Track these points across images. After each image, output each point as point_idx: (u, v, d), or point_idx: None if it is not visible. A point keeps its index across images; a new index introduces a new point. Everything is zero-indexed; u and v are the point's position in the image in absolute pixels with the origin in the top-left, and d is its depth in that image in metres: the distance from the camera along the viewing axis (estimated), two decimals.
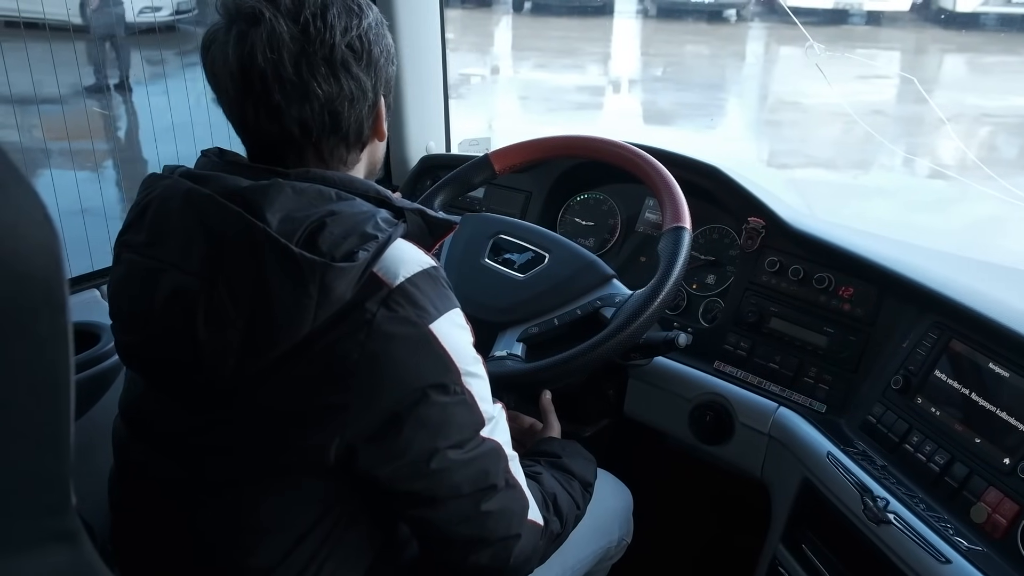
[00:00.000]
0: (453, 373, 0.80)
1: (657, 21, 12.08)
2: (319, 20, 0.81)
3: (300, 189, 0.79)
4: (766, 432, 1.27)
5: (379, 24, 0.87)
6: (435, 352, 0.79)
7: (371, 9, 0.87)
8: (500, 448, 0.87)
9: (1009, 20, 10.41)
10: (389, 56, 0.88)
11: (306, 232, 0.75)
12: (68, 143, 2.81)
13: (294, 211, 0.77)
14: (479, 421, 0.84)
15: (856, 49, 9.91)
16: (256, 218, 0.75)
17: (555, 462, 1.09)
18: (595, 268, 1.23)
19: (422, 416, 0.78)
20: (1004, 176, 5.46)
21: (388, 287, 0.77)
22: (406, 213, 0.85)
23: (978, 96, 7.75)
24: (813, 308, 1.31)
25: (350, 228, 0.77)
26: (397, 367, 0.77)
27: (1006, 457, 0.99)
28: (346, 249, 0.75)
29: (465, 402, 0.82)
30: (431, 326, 0.79)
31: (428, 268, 0.81)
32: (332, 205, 0.79)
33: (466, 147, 1.98)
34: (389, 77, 0.89)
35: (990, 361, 1.06)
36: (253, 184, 0.78)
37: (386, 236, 0.79)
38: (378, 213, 0.81)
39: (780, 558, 1.24)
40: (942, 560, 0.94)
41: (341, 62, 0.82)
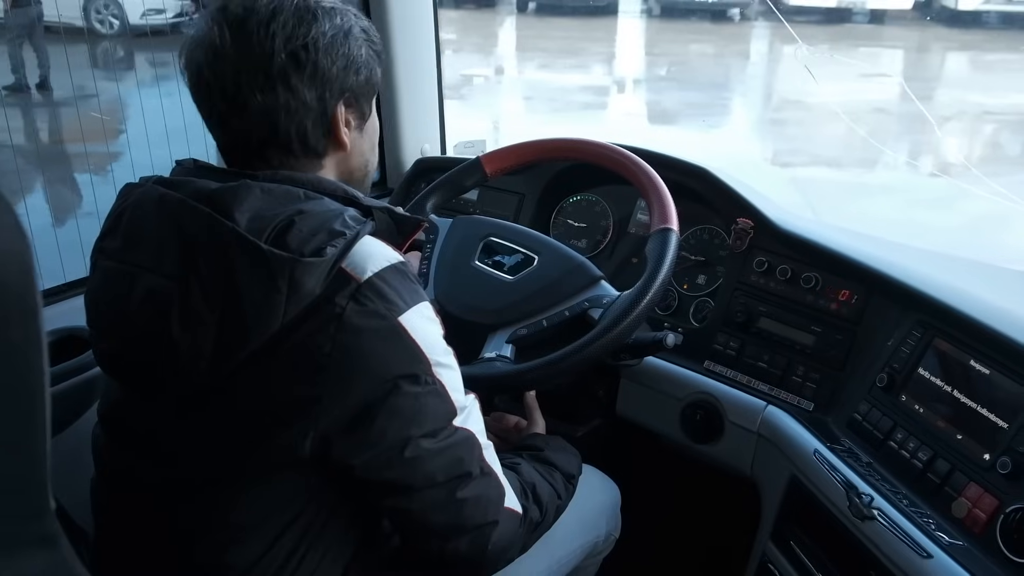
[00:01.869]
0: (424, 364, 0.82)
1: (661, 20, 12.06)
2: (262, 29, 0.83)
3: (268, 189, 0.81)
4: (755, 431, 1.29)
5: (341, 32, 0.87)
6: (405, 343, 0.81)
7: (332, 17, 0.87)
8: (473, 436, 0.89)
9: (1010, 18, 10.37)
10: (351, 64, 0.88)
11: (275, 230, 0.77)
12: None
13: (263, 210, 0.79)
14: (451, 410, 0.86)
15: (859, 48, 9.89)
16: (225, 218, 0.77)
17: (537, 455, 1.12)
18: (584, 270, 1.25)
19: (395, 406, 0.80)
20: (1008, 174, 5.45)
21: (357, 281, 0.79)
22: (374, 212, 0.87)
23: (980, 94, 7.73)
24: (801, 308, 1.33)
25: (318, 225, 0.79)
26: (368, 359, 0.79)
27: (986, 453, 1.01)
28: (315, 245, 0.77)
29: (437, 392, 0.84)
30: (400, 318, 0.81)
31: (396, 263, 0.83)
32: (300, 204, 0.81)
33: (461, 149, 1.99)
34: (352, 86, 0.89)
35: (972, 359, 1.07)
36: (222, 186, 0.81)
37: (354, 233, 0.81)
38: (346, 211, 0.83)
39: (769, 555, 1.25)
40: (924, 555, 0.96)
41: (279, 73, 0.83)
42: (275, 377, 0.78)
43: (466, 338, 1.27)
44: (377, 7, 1.74)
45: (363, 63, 0.90)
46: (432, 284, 1.32)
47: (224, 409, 0.81)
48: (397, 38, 1.77)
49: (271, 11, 0.84)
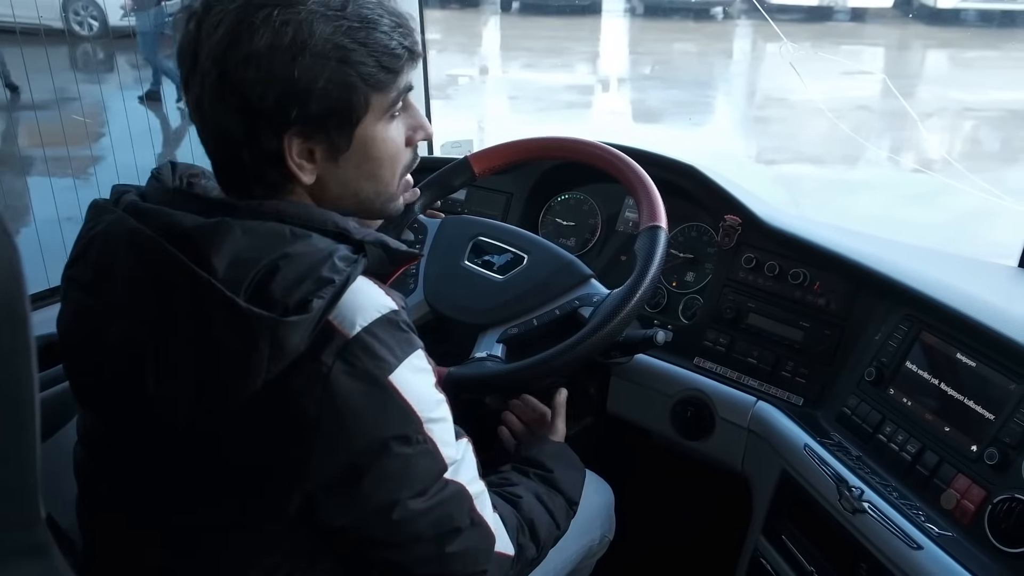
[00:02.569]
0: (415, 423, 0.77)
1: (644, 19, 12.10)
2: (204, 49, 0.74)
3: (250, 228, 0.73)
4: (745, 426, 1.30)
5: (285, 50, 0.73)
6: (395, 404, 0.76)
7: (281, 26, 0.73)
8: (463, 490, 0.84)
9: (988, 16, 10.49)
10: (300, 91, 0.74)
11: (257, 278, 0.71)
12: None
13: (244, 254, 0.71)
14: (441, 467, 0.81)
15: (841, 46, 9.96)
16: (202, 263, 0.70)
17: (545, 476, 1.09)
18: (573, 268, 1.25)
19: (383, 469, 0.76)
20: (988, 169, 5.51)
21: (345, 337, 0.73)
22: (366, 246, 0.79)
23: (960, 90, 7.81)
24: (789, 303, 1.33)
25: (304, 272, 0.72)
26: (356, 422, 0.74)
27: (973, 444, 1.02)
28: (300, 297, 0.71)
29: (428, 451, 0.79)
30: (391, 377, 0.75)
31: (387, 313, 0.77)
32: (285, 246, 0.73)
33: (448, 149, 1.99)
34: (304, 118, 0.76)
35: (958, 352, 1.09)
36: (199, 224, 0.73)
37: (343, 278, 0.73)
38: (336, 251, 0.75)
39: (761, 549, 1.26)
40: (914, 546, 0.97)
41: (210, 93, 0.75)
42: (258, 434, 0.73)
43: (456, 338, 1.27)
44: None
45: (326, 87, 0.75)
46: (421, 284, 1.32)
47: (204, 459, 0.76)
48: None
49: (212, 27, 0.73)
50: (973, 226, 3.85)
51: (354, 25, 0.76)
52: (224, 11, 0.73)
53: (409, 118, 0.87)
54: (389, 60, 0.78)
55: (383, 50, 0.78)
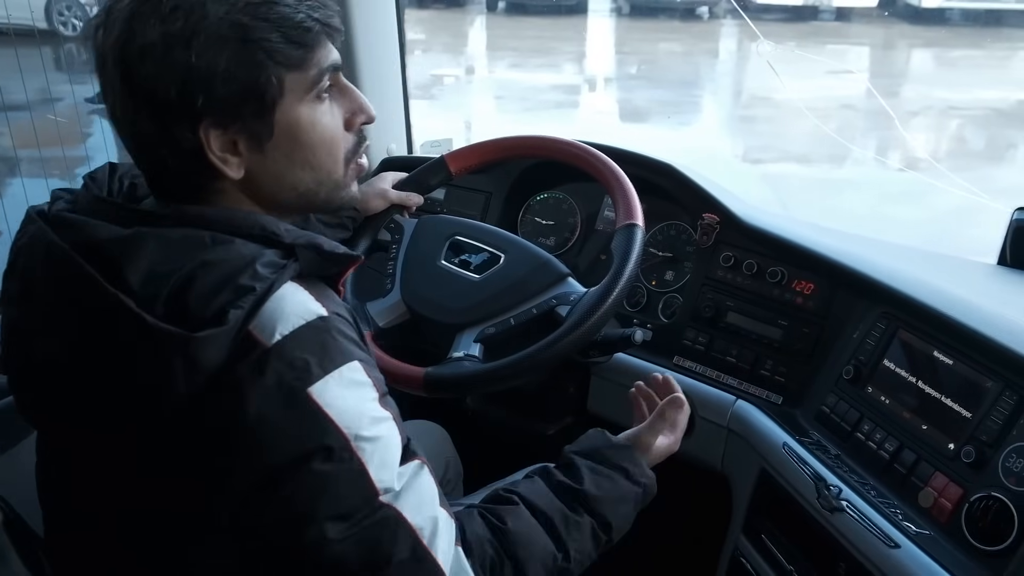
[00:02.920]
0: (338, 439, 0.71)
1: (631, 19, 12.12)
2: (107, 42, 0.72)
3: (166, 238, 0.70)
4: (725, 425, 1.29)
5: (179, 38, 0.70)
6: (315, 417, 0.70)
7: (168, 24, 0.70)
8: (400, 518, 0.74)
9: (972, 15, 10.57)
10: (200, 80, 0.71)
11: (172, 290, 0.68)
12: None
13: (159, 266, 0.69)
14: (371, 491, 0.73)
15: (826, 45, 10.01)
16: (116, 278, 0.68)
17: (572, 490, 0.92)
18: (550, 267, 1.25)
19: (299, 486, 0.70)
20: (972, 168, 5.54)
21: (263, 347, 0.69)
22: (298, 250, 0.75)
23: (945, 90, 7.86)
24: (767, 302, 1.33)
25: (222, 280, 0.69)
26: (271, 435, 0.69)
27: (950, 443, 1.01)
28: (217, 307, 0.68)
29: (352, 470, 0.72)
30: (310, 388, 0.70)
31: (313, 320, 0.72)
32: (204, 254, 0.70)
33: (428, 148, 1.98)
34: (210, 108, 0.72)
35: (935, 350, 1.08)
36: (113, 236, 0.70)
37: (266, 286, 0.70)
38: (260, 257, 0.72)
39: (741, 548, 1.26)
40: (892, 545, 0.96)
41: (113, 87, 0.73)
42: (181, 448, 0.71)
43: (434, 338, 1.26)
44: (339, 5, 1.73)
45: (230, 70, 0.72)
46: (399, 284, 1.31)
47: (135, 473, 0.74)
48: (359, 38, 1.76)
49: (113, 20, 0.71)
50: (955, 224, 3.88)
51: (253, 1, 0.72)
52: (119, 9, 0.71)
53: (346, 101, 0.83)
54: (298, 35, 0.74)
55: (290, 24, 0.74)
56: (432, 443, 1.48)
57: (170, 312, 0.68)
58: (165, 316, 0.67)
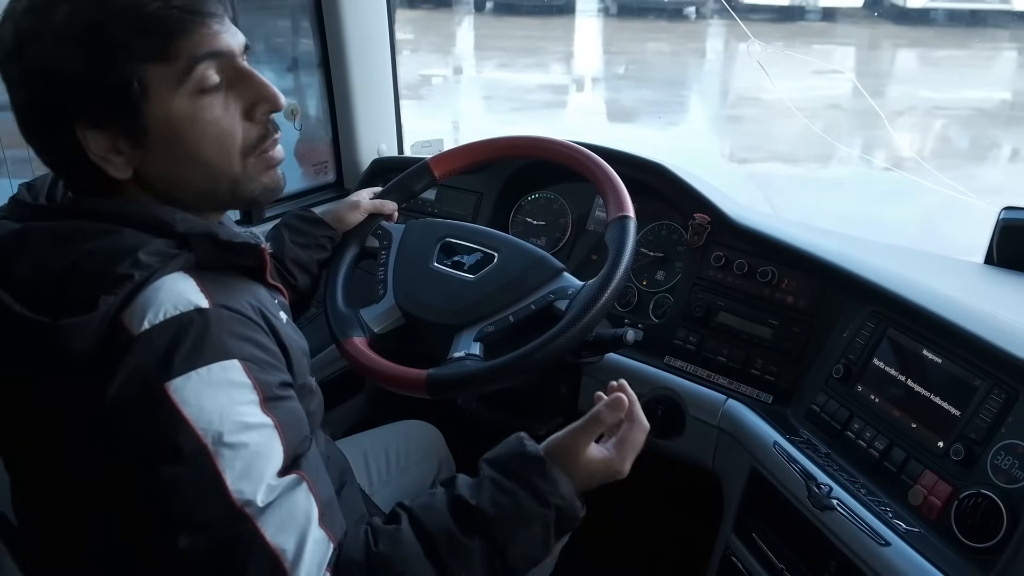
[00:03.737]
0: (191, 440, 0.67)
1: (618, 19, 12.13)
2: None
3: (55, 231, 0.70)
4: (716, 424, 1.30)
5: (29, 36, 0.68)
6: (168, 414, 0.67)
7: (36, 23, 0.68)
8: (258, 537, 0.68)
9: (957, 15, 10.65)
10: (54, 82, 0.69)
11: (55, 280, 0.68)
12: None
13: (47, 258, 0.68)
14: (225, 500, 0.68)
15: (813, 45, 10.05)
16: (4, 273, 0.68)
17: (464, 505, 0.79)
18: (545, 263, 1.25)
19: (149, 486, 0.67)
20: (957, 167, 5.58)
21: (129, 335, 0.67)
22: (192, 240, 0.74)
23: (930, 89, 7.91)
24: (758, 301, 1.34)
25: (100, 269, 0.68)
26: (123, 427, 0.67)
27: (940, 440, 1.02)
28: (89, 294, 0.67)
29: (204, 476, 0.67)
30: (168, 383, 0.67)
31: (188, 311, 0.69)
32: (89, 243, 0.69)
33: (418, 149, 1.98)
34: (79, 109, 0.71)
35: (924, 348, 1.09)
36: (7, 233, 0.71)
37: (146, 274, 0.69)
38: (145, 246, 0.70)
39: (732, 547, 1.26)
40: (882, 543, 0.97)
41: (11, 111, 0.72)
42: (53, 432, 0.71)
43: (432, 340, 1.26)
44: (330, 8, 1.72)
45: (84, 69, 0.69)
46: (391, 290, 1.30)
47: (44, 460, 0.75)
48: (351, 39, 1.76)
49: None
50: (941, 223, 3.90)
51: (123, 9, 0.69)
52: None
53: (246, 89, 0.78)
54: (152, 24, 0.70)
55: (140, 14, 0.70)
56: (425, 443, 1.48)
57: (52, 303, 0.67)
58: (45, 307, 0.67)
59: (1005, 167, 6.09)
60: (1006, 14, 10.52)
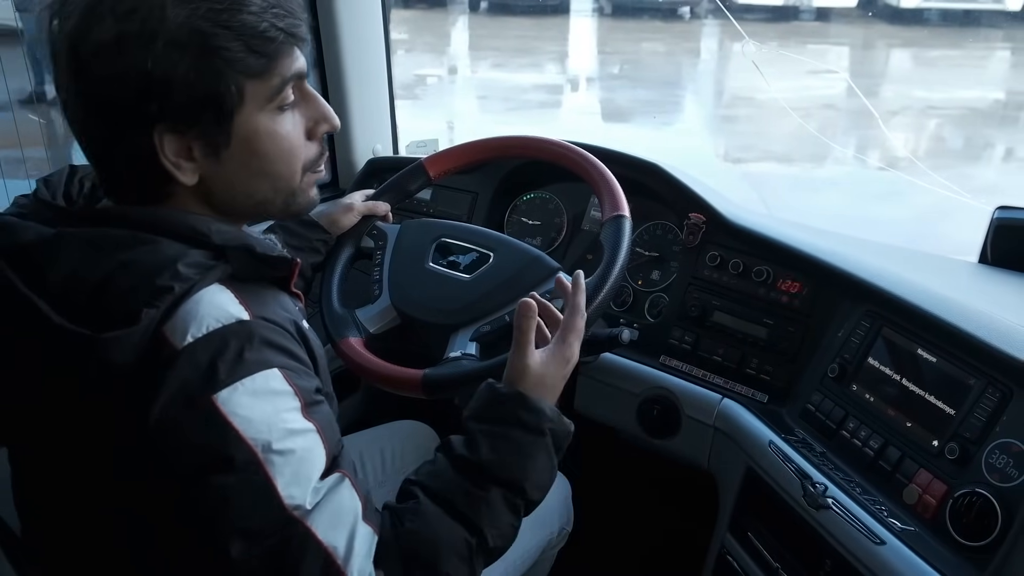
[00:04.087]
0: (242, 450, 0.68)
1: (613, 19, 12.14)
2: (62, 38, 0.69)
3: (90, 238, 0.69)
4: (711, 424, 1.30)
5: (132, 39, 0.67)
6: (217, 426, 0.67)
7: (123, 24, 0.67)
8: (310, 537, 0.70)
9: (950, 15, 10.69)
10: (155, 85, 0.68)
11: (91, 291, 0.67)
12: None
13: (80, 267, 0.68)
14: (278, 506, 0.69)
15: (807, 45, 10.08)
16: (36, 280, 0.68)
17: (470, 462, 0.83)
18: (541, 262, 1.25)
19: (201, 498, 0.68)
20: (951, 167, 5.59)
21: (173, 349, 0.68)
22: (228, 252, 0.74)
23: (924, 89, 7.93)
24: (753, 301, 1.34)
25: (140, 280, 0.67)
26: (173, 442, 0.68)
27: (935, 439, 1.03)
28: (131, 307, 0.67)
29: (256, 484, 0.69)
30: (216, 395, 0.67)
31: (231, 324, 0.70)
32: (126, 253, 0.69)
33: (414, 149, 1.98)
34: (164, 114, 0.70)
35: (919, 347, 1.09)
36: (37, 238, 0.70)
37: (186, 287, 0.69)
38: (184, 257, 0.70)
39: (728, 546, 1.26)
40: (877, 541, 0.97)
41: (64, 85, 0.70)
42: (97, 445, 0.71)
43: (428, 340, 1.26)
44: (324, 7, 1.72)
45: (188, 77, 0.70)
46: (387, 290, 1.30)
47: (71, 473, 0.74)
48: (346, 38, 1.75)
49: (69, 13, 0.68)
50: (936, 223, 3.91)
51: (215, 7, 0.70)
52: (75, 3, 0.68)
53: (309, 109, 0.81)
54: (260, 44, 0.72)
55: (252, 32, 0.71)
56: (421, 444, 1.48)
57: (88, 312, 0.67)
58: (84, 318, 0.66)
59: (999, 166, 6.11)
60: (999, 14, 10.55)
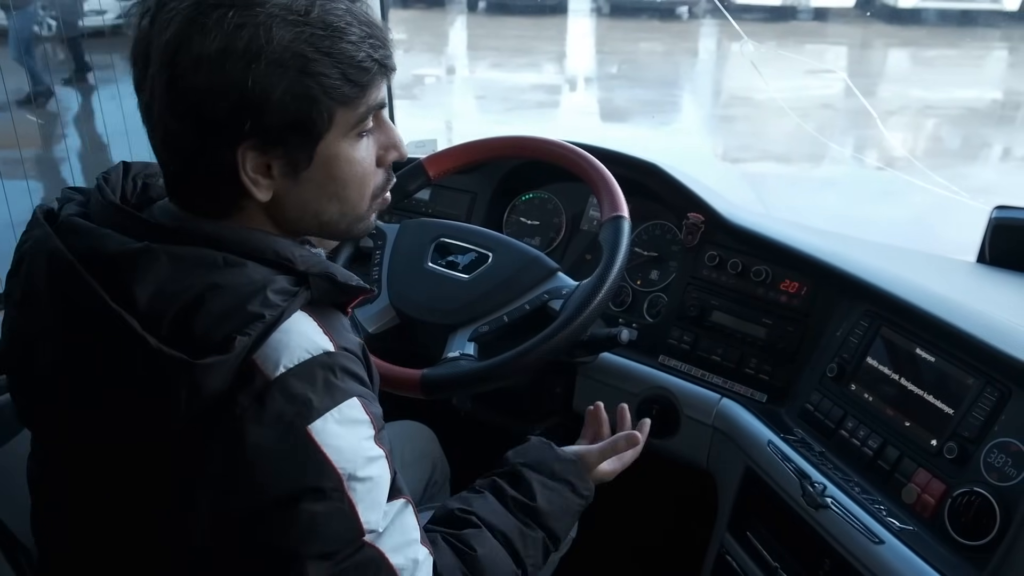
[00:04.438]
0: (332, 479, 0.70)
1: (611, 19, 12.16)
2: (156, 51, 0.69)
3: (178, 256, 0.69)
4: (710, 424, 1.30)
5: (239, 55, 0.67)
6: (311, 456, 0.69)
7: (230, 42, 0.67)
8: (382, 560, 0.74)
9: (947, 15, 10.71)
10: (253, 101, 0.69)
11: (179, 311, 0.67)
12: None
13: (168, 285, 0.67)
14: (357, 531, 0.72)
15: (805, 45, 10.10)
16: (122, 294, 0.67)
17: (525, 506, 0.95)
18: (539, 263, 1.25)
19: (287, 523, 0.69)
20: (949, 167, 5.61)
21: (265, 379, 0.68)
22: (311, 279, 0.74)
23: (921, 89, 7.95)
24: (752, 300, 1.34)
25: (232, 306, 0.67)
26: (265, 470, 0.68)
27: (933, 439, 1.03)
28: (224, 333, 0.66)
29: (342, 511, 0.71)
30: (310, 426, 0.69)
31: (319, 356, 0.71)
32: (215, 275, 0.68)
33: (412, 149, 1.98)
34: (257, 130, 0.71)
35: (918, 347, 1.10)
36: (123, 250, 0.69)
37: (275, 315, 0.69)
38: (271, 283, 0.70)
39: (727, 546, 1.26)
40: (876, 541, 0.98)
41: (156, 94, 0.70)
42: (171, 471, 0.70)
43: (427, 340, 1.26)
44: None
45: (284, 99, 0.70)
46: (386, 290, 1.30)
47: (125, 487, 0.73)
48: None
49: (161, 28, 0.68)
50: (934, 222, 3.92)
51: (318, 33, 0.70)
52: (176, 9, 0.68)
53: (381, 136, 0.81)
54: (356, 73, 0.73)
55: (349, 62, 0.72)
56: (419, 444, 1.47)
57: (175, 333, 0.66)
58: (170, 337, 0.66)
59: (996, 166, 6.13)
60: (997, 14, 10.59)
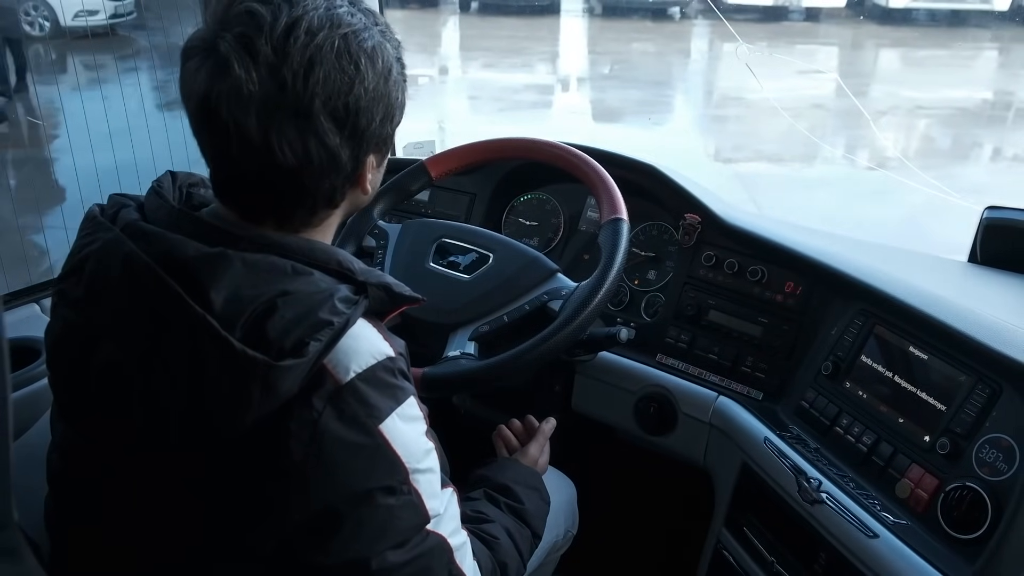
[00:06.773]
0: (401, 474, 0.75)
1: (603, 19, 12.18)
2: (299, 82, 0.72)
3: (251, 263, 0.72)
4: (707, 421, 1.32)
5: (382, 80, 0.77)
6: (383, 454, 0.74)
7: (374, 62, 0.76)
8: (444, 542, 0.81)
9: (938, 15, 10.77)
10: (389, 112, 0.79)
11: (253, 316, 0.69)
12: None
13: (242, 289, 0.70)
14: (424, 519, 0.79)
15: (796, 45, 10.13)
16: (199, 297, 0.69)
17: (515, 508, 1.09)
18: (539, 264, 1.26)
19: (364, 519, 0.74)
20: (940, 167, 5.64)
21: (337, 383, 0.72)
22: (369, 288, 0.78)
23: (912, 89, 7.98)
24: (748, 299, 1.36)
25: (303, 312, 0.70)
26: (341, 470, 0.72)
27: (926, 435, 1.05)
28: (296, 338, 0.69)
29: (412, 503, 0.77)
30: (381, 426, 0.73)
31: (383, 360, 0.76)
32: (285, 283, 0.72)
33: (411, 150, 1.99)
34: (388, 134, 0.81)
35: (911, 345, 1.12)
36: (199, 254, 0.71)
37: (343, 321, 0.72)
38: (337, 292, 0.74)
39: (724, 541, 1.28)
40: (870, 535, 0.99)
41: (315, 131, 0.74)
42: (241, 472, 0.72)
43: (428, 339, 1.27)
44: None
45: (399, 103, 0.81)
46: None
47: (182, 487, 0.74)
48: None
49: (308, 60, 0.72)
50: (925, 222, 3.95)
51: (396, 40, 0.82)
52: (313, 55, 0.72)
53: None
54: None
55: (402, 56, 0.83)
56: None
57: (248, 338, 0.69)
58: (244, 340, 0.68)
59: (987, 166, 6.16)
60: (987, 14, 10.64)
